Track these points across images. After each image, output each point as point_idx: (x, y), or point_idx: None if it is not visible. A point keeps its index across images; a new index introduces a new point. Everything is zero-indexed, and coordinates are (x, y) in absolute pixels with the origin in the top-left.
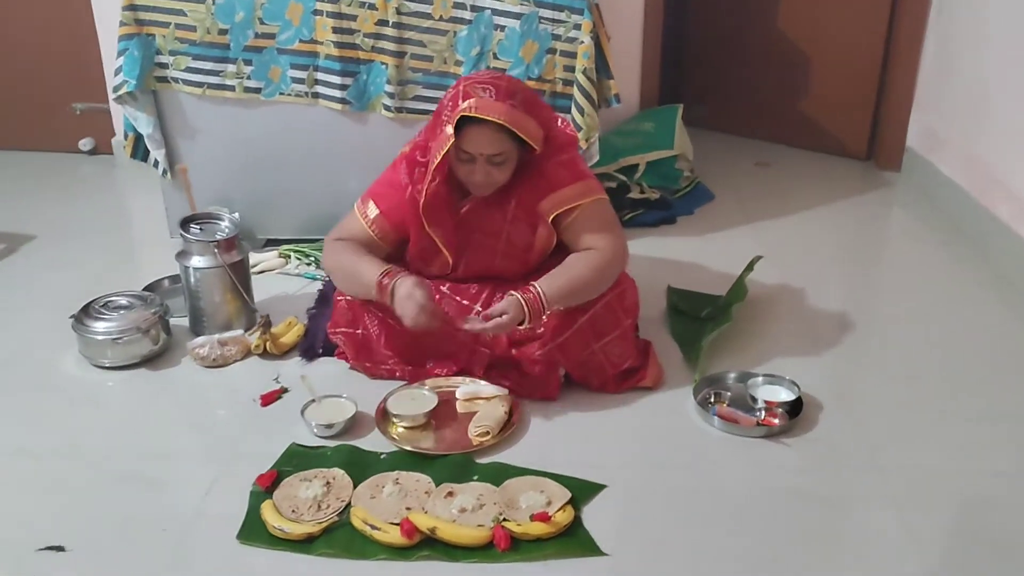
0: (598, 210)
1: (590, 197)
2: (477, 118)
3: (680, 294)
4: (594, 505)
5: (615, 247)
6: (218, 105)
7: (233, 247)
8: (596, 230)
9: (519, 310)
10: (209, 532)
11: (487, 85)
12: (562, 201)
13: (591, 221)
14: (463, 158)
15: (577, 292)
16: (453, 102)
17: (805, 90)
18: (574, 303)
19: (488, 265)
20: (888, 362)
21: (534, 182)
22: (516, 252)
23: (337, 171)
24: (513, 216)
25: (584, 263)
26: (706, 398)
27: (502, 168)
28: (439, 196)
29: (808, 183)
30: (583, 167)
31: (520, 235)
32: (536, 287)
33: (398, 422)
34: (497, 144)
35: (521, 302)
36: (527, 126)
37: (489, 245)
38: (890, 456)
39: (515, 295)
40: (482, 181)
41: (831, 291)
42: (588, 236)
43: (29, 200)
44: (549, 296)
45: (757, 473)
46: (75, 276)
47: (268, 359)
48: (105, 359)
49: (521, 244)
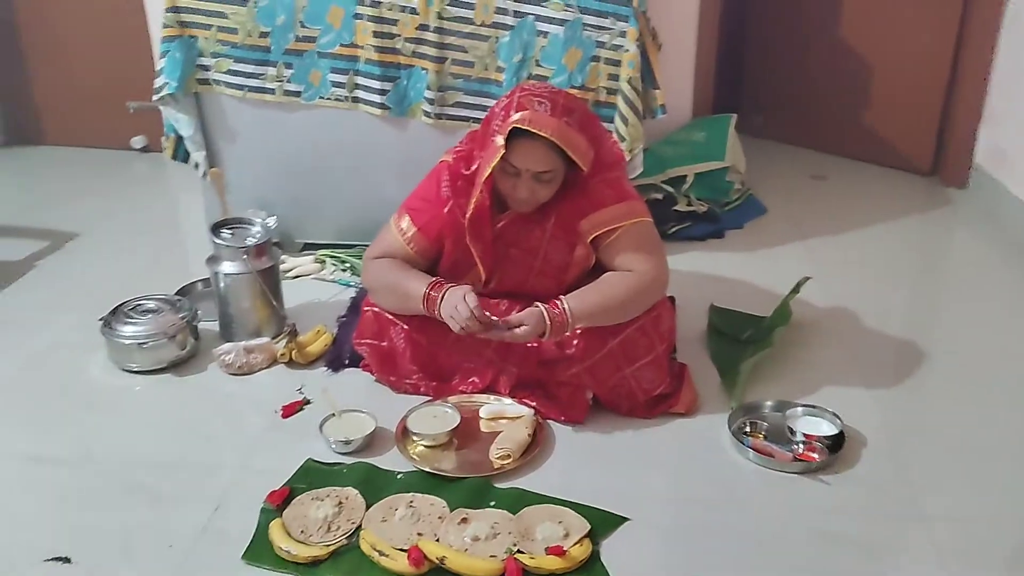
0: (640, 232)
1: (632, 219)
2: (528, 132)
3: (722, 314)
4: (615, 538)
5: (654, 271)
6: (258, 108)
7: (264, 253)
8: (635, 252)
9: (540, 322)
10: (214, 550)
11: (543, 99)
12: (603, 222)
13: (631, 242)
14: (509, 171)
15: (607, 313)
16: (505, 112)
17: (867, 100)
18: (603, 324)
19: (521, 282)
20: (945, 398)
21: (576, 200)
22: (551, 270)
23: (376, 177)
24: (552, 234)
25: (619, 284)
26: (741, 428)
27: (547, 186)
28: (482, 209)
29: (867, 199)
30: (628, 187)
31: (557, 253)
32: (563, 302)
33: (418, 440)
34: (546, 161)
35: (544, 314)
36: (578, 146)
37: (525, 262)
38: (936, 502)
39: (539, 306)
40: (525, 198)
41: (887, 317)
42: (627, 257)
43: (78, 197)
44: (575, 313)
45: (790, 512)
46: (112, 276)
47: (294, 368)
48: (132, 363)
49: (557, 263)
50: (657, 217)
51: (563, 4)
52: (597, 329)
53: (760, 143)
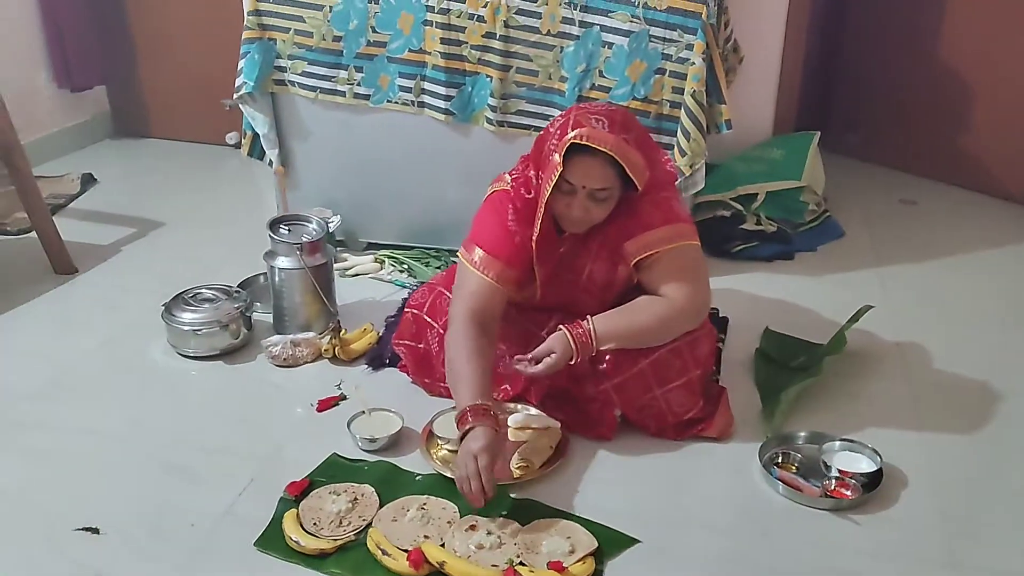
0: (682, 256)
1: (678, 243)
2: (585, 148)
3: (775, 338)
4: (622, 560)
5: (690, 299)
6: (329, 110)
7: (318, 250)
8: (673, 278)
9: (566, 347)
10: (232, 533)
11: (600, 116)
12: (648, 245)
13: (672, 268)
14: (565, 189)
15: (634, 338)
16: (562, 130)
17: (967, 123)
18: (631, 347)
19: (568, 298)
20: (1002, 446)
21: (624, 221)
22: (595, 289)
23: (438, 181)
24: (597, 254)
25: (649, 309)
26: (773, 459)
27: (602, 205)
28: (548, 232)
29: (958, 227)
30: (679, 208)
31: (601, 272)
32: (589, 323)
33: (443, 444)
34: (603, 178)
35: (569, 338)
36: (636, 163)
37: (570, 280)
38: (973, 553)
39: (563, 330)
40: (580, 217)
41: (958, 355)
42: (664, 281)
43: (171, 189)
44: (600, 335)
45: (813, 550)
46: (188, 265)
47: (338, 364)
48: (188, 348)
49: (601, 282)
50: (723, 235)
51: (629, 15)
52: (630, 350)
53: (849, 163)
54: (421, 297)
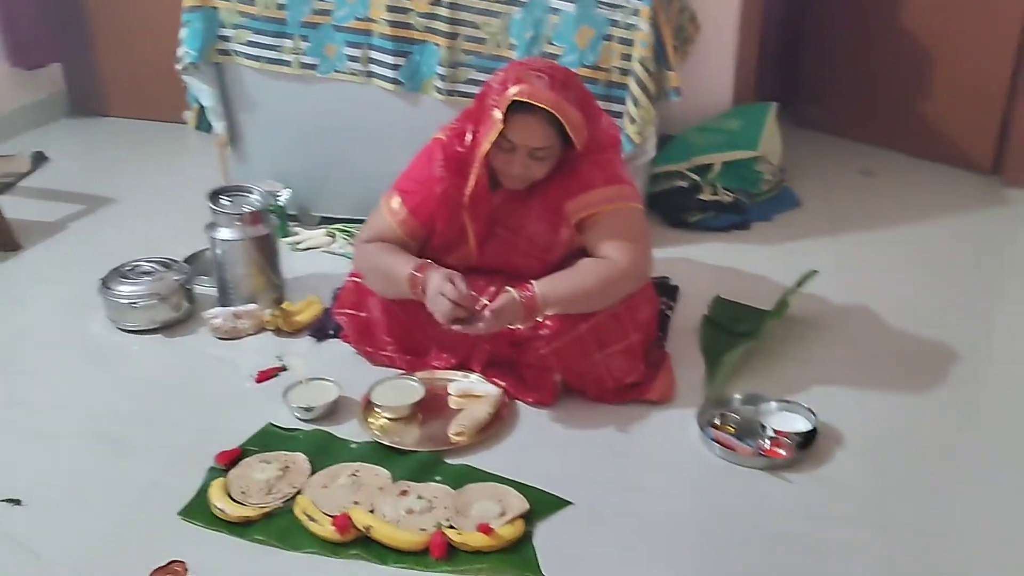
0: (624, 219)
1: (620, 203)
2: (526, 106)
3: (723, 305)
4: (552, 521)
5: (632, 261)
6: (276, 80)
7: (259, 221)
8: (616, 239)
9: (514, 306)
10: (158, 503)
11: (541, 72)
12: (589, 204)
13: (614, 228)
14: (504, 147)
15: (578, 301)
16: (502, 86)
17: (927, 93)
18: (574, 312)
19: (506, 260)
20: (944, 406)
21: (566, 180)
22: (535, 250)
23: (390, 152)
24: (537, 213)
25: (593, 272)
26: (711, 420)
27: (542, 164)
28: (481, 186)
29: (917, 196)
30: (620, 170)
31: (542, 233)
32: (533, 287)
33: (381, 412)
34: (543, 137)
35: (515, 298)
36: (574, 121)
37: (509, 240)
38: (900, 509)
39: (510, 291)
40: (519, 174)
41: (906, 320)
42: (606, 244)
43: (126, 166)
44: (546, 299)
45: (745, 509)
46: (135, 240)
47: (282, 336)
48: (128, 322)
49: (542, 243)
50: (679, 205)
51: None
52: (569, 314)
53: (811, 135)
54: None
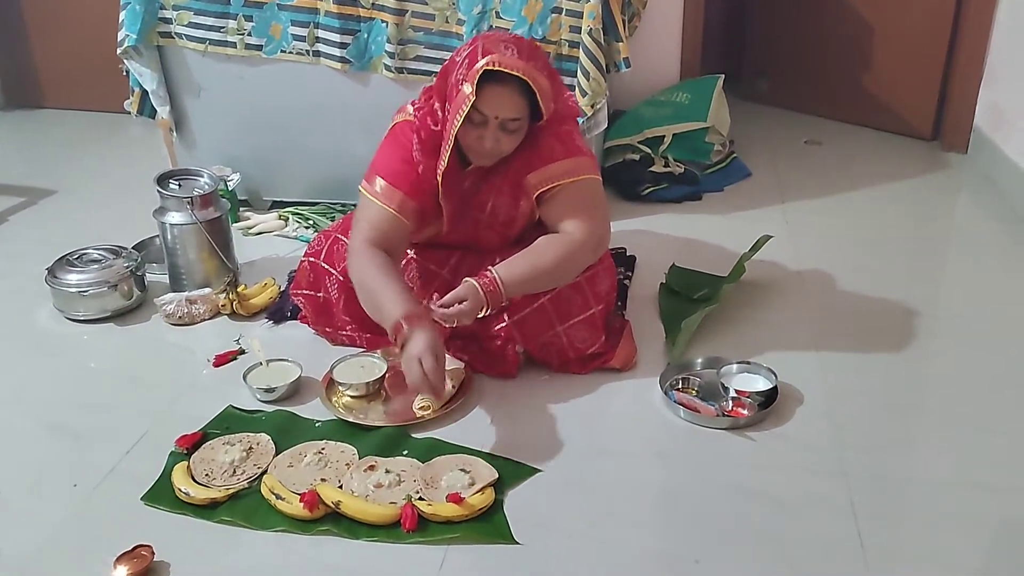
0: (582, 191)
1: (578, 176)
2: (496, 77)
3: (680, 273)
4: (522, 489)
5: (590, 234)
6: (221, 62)
7: (210, 204)
8: (573, 213)
9: (477, 296)
10: (118, 490)
11: (509, 43)
12: (549, 178)
13: (571, 202)
14: (476, 120)
15: (538, 280)
16: (471, 58)
17: (868, 64)
18: (537, 290)
19: (471, 235)
20: (901, 363)
21: (527, 154)
22: (497, 225)
23: (341, 133)
24: (499, 188)
25: (550, 249)
26: (673, 384)
27: (512, 136)
28: (452, 165)
29: (861, 164)
30: (580, 142)
31: (504, 207)
32: (493, 272)
33: (344, 390)
34: (515, 107)
35: (478, 289)
36: (545, 90)
37: (473, 216)
38: (860, 461)
39: (471, 282)
40: (491, 148)
41: (862, 282)
42: (564, 218)
43: (66, 158)
44: (507, 283)
45: (710, 468)
46: (79, 231)
47: (237, 320)
48: (77, 312)
49: (503, 217)
50: (632, 178)
51: None
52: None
53: (757, 108)
54: (317, 245)
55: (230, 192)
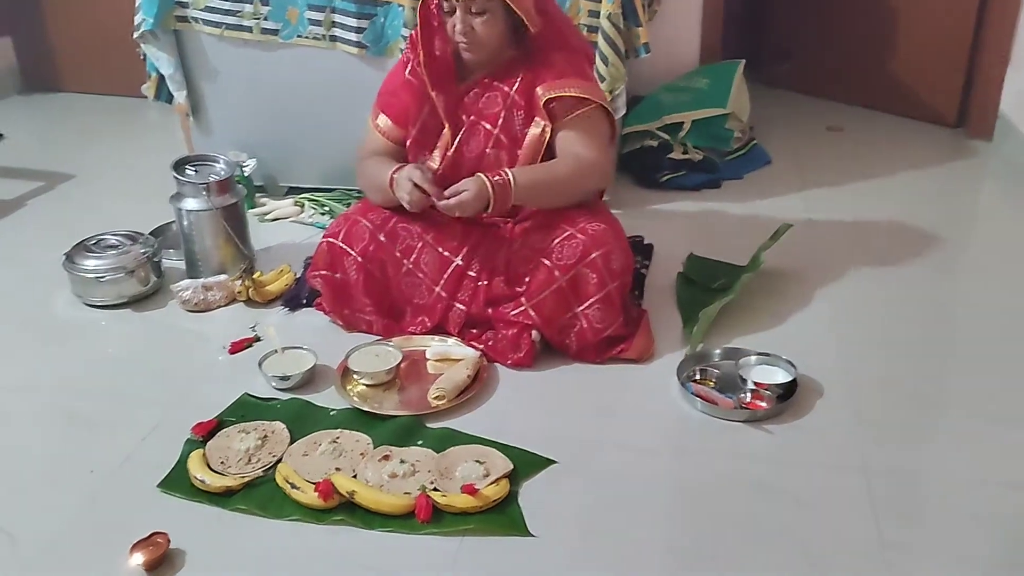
0: (594, 121)
1: (590, 95)
2: None
3: (698, 262)
4: (537, 481)
5: (599, 160)
6: (238, 47)
7: (227, 190)
8: (585, 140)
9: (483, 190)
10: (134, 477)
11: None
12: (559, 87)
13: (583, 129)
14: (446, 10)
15: (550, 188)
16: None
17: (892, 49)
18: (545, 203)
19: (480, 154)
20: (923, 356)
21: (537, 69)
22: (507, 143)
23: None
24: (512, 101)
25: (563, 165)
26: (690, 376)
27: (484, 23)
28: (444, 60)
29: (884, 151)
30: (591, 74)
31: (514, 122)
32: (506, 172)
33: (359, 379)
34: None
35: (486, 182)
36: None
37: (484, 131)
38: (880, 456)
39: (480, 175)
40: (464, 33)
41: (883, 273)
42: (575, 140)
43: (83, 142)
44: (519, 183)
45: (728, 461)
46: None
47: (253, 307)
48: (94, 297)
49: (513, 134)
50: (651, 165)
51: None
52: (545, 267)
53: (778, 93)
54: (336, 226)
55: (246, 178)
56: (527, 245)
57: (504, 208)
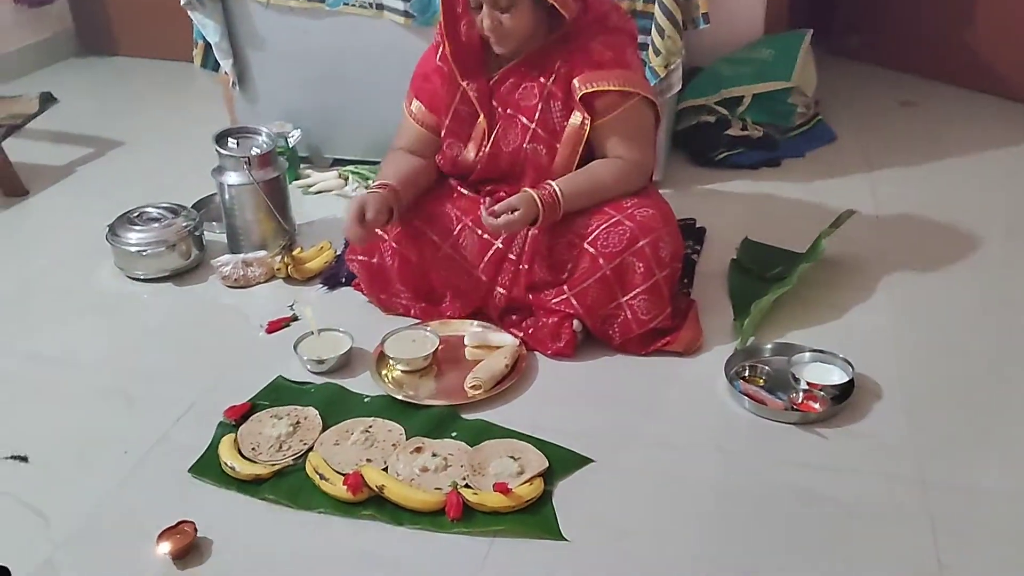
0: (637, 116)
1: (630, 88)
2: None
3: (752, 248)
4: (573, 480)
5: (643, 160)
6: (284, 15)
7: (268, 164)
8: (627, 138)
9: (532, 206)
10: (166, 460)
11: None
12: (597, 80)
13: (625, 127)
14: (472, 5)
15: (593, 196)
16: None
17: (970, 18)
18: (586, 207)
19: (517, 148)
20: (990, 361)
21: (575, 57)
22: (543, 138)
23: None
24: (550, 92)
25: (606, 170)
26: (739, 372)
27: (511, 17)
28: (472, 47)
29: (960, 129)
30: (631, 58)
31: (552, 116)
32: (551, 184)
33: (395, 365)
34: None
35: (534, 197)
36: None
37: (521, 125)
38: (944, 470)
39: (528, 191)
40: (492, 28)
41: (958, 264)
42: (618, 142)
43: (135, 108)
44: (566, 194)
45: (774, 467)
46: (147, 185)
47: (293, 284)
48: (137, 271)
49: (552, 127)
50: (706, 142)
51: None
52: (589, 254)
53: (849, 65)
54: None
55: (291, 149)
56: (571, 229)
57: (553, 220)
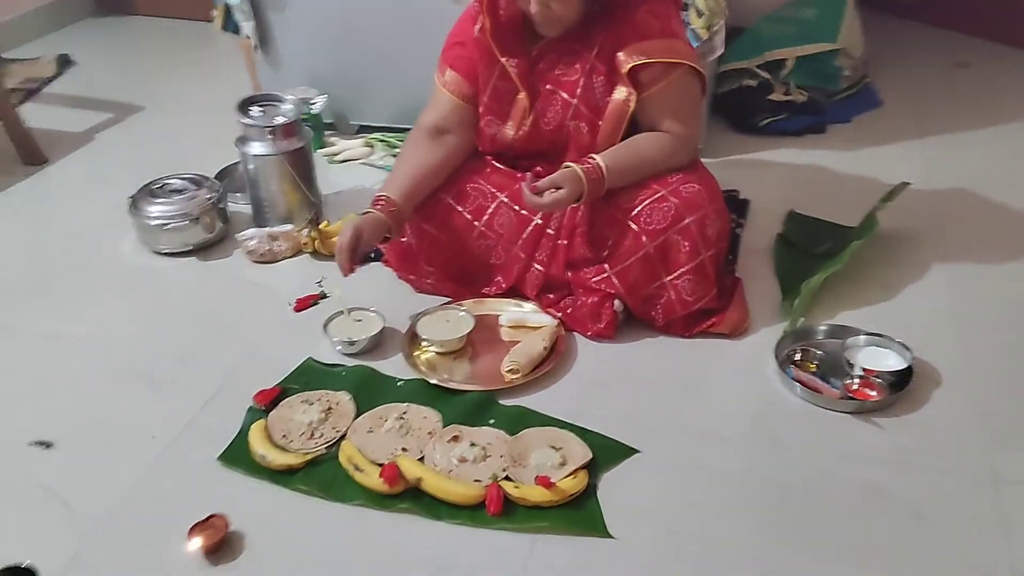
0: (683, 88)
1: (677, 56)
2: None
3: (799, 222)
4: (617, 472)
5: (690, 134)
6: None
7: (293, 134)
8: (673, 111)
9: (577, 183)
10: (194, 446)
11: None
12: (642, 52)
13: (671, 99)
14: None
15: (639, 170)
16: None
17: None
18: (631, 182)
19: (559, 126)
20: None
21: (618, 29)
22: (585, 115)
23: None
24: (592, 67)
25: (651, 145)
26: (791, 357)
27: (562, 2)
28: (512, 21)
29: (1018, 92)
30: (678, 26)
31: (595, 92)
32: (595, 158)
33: (427, 346)
34: None
35: (579, 173)
36: None
37: (562, 101)
38: (1016, 464)
39: (572, 166)
40: (539, 12)
41: (1008, 236)
42: (665, 116)
43: (154, 70)
44: (610, 169)
45: (828, 459)
46: (168, 153)
47: (320, 259)
48: (160, 245)
49: (595, 103)
50: (748, 107)
51: None
52: (632, 231)
53: (896, 23)
54: None
55: (315, 115)
56: (612, 204)
57: (597, 195)
